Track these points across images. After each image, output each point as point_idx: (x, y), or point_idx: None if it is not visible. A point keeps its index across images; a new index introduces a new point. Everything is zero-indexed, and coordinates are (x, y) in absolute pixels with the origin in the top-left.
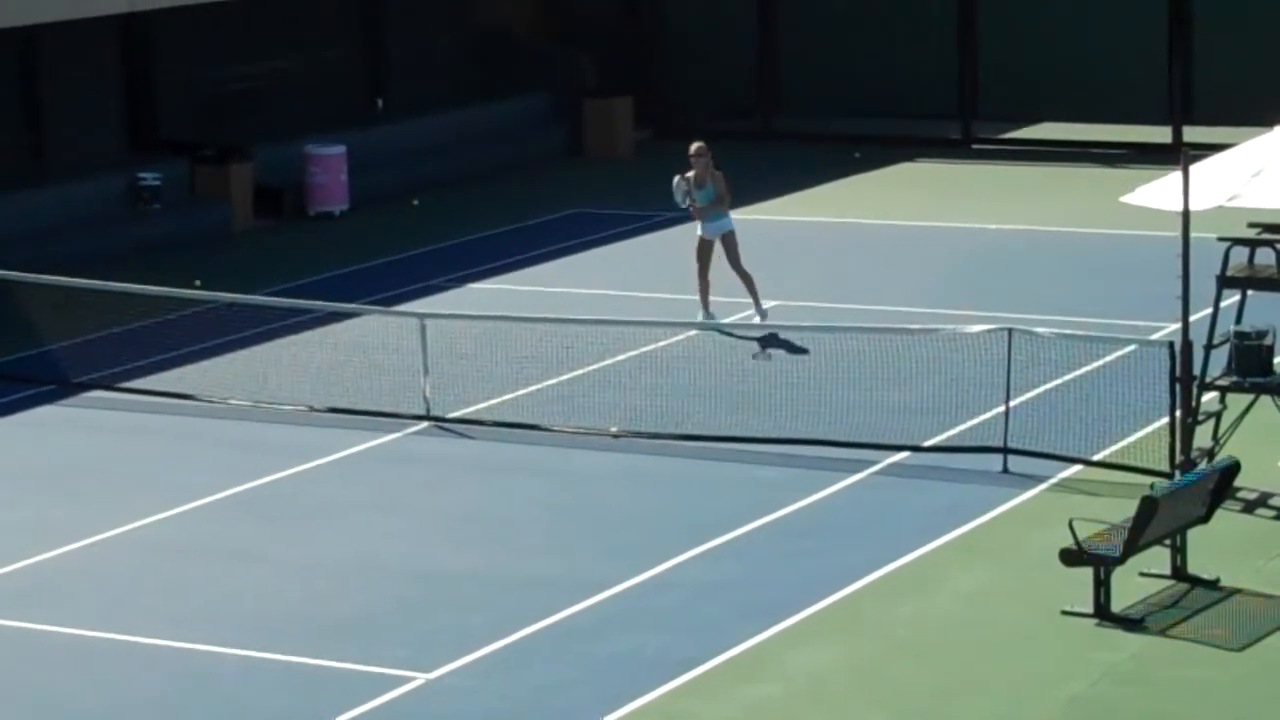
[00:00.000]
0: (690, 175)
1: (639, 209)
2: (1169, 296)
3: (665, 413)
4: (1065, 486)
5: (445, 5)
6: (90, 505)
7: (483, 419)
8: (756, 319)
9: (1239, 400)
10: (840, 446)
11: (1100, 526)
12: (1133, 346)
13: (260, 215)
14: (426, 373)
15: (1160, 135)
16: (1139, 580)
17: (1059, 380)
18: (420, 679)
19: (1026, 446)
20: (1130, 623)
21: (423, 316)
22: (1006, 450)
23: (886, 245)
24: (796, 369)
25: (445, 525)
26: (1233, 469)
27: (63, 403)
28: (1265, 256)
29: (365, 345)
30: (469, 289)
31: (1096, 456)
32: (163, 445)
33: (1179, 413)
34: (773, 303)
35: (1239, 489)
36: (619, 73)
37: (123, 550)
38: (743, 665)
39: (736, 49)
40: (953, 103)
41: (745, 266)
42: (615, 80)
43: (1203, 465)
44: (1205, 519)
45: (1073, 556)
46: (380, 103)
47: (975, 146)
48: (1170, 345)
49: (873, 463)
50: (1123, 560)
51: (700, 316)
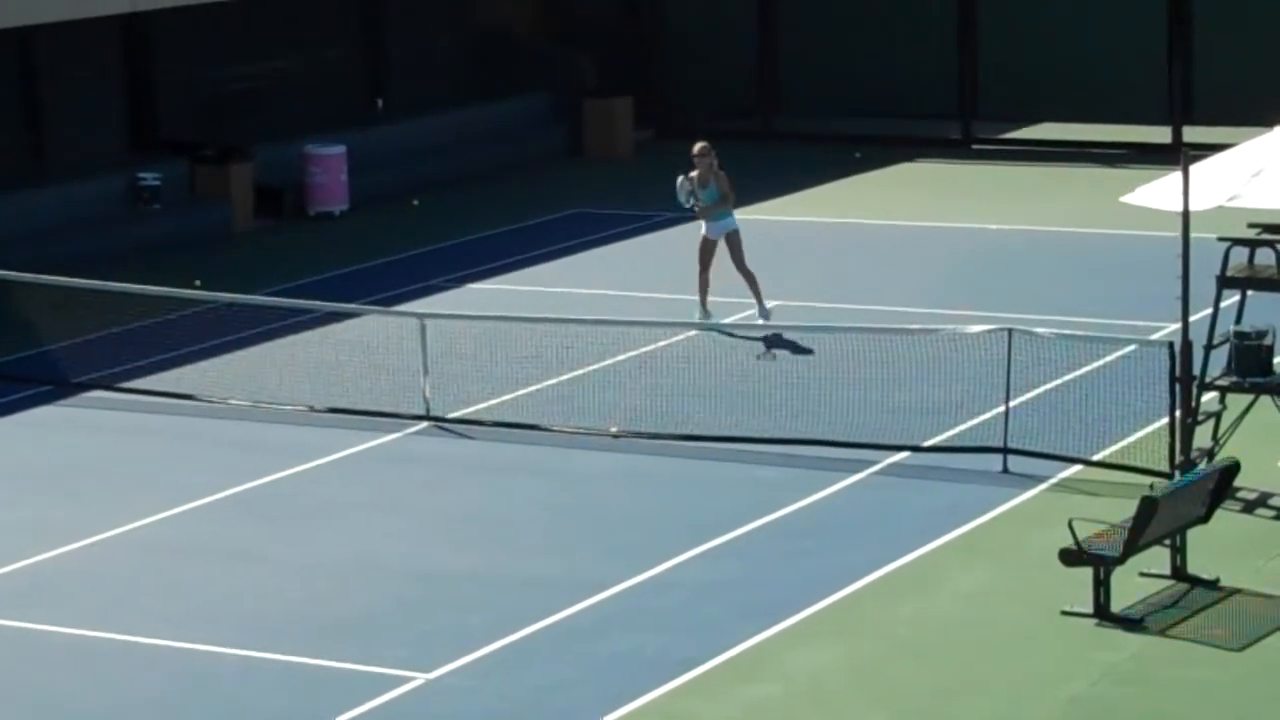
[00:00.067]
0: (693, 175)
1: (639, 209)
2: (1169, 297)
3: (665, 413)
4: (1065, 486)
5: (445, 5)
6: (90, 505)
7: (482, 419)
8: (759, 319)
9: (1239, 400)
10: (840, 446)
11: (1100, 526)
12: (1132, 347)
13: (260, 215)
14: (426, 373)
15: (1160, 135)
16: (1139, 580)
17: (1059, 380)
18: (420, 679)
19: (1026, 447)
20: (1130, 623)
21: (423, 316)
22: (1006, 450)
23: (886, 245)
24: (796, 369)
25: (445, 525)
26: (1232, 469)
27: (62, 403)
28: (1265, 256)
29: (365, 345)
30: (469, 289)
31: (1096, 456)
32: (162, 445)
33: (1179, 413)
34: (773, 303)
35: (1239, 489)
36: (619, 73)
37: (122, 550)
38: (742, 665)
39: (736, 49)
40: (953, 103)
41: (749, 266)
42: (615, 80)
43: (1202, 465)
44: (1205, 519)
45: (1072, 556)
46: (380, 103)
47: (975, 147)
48: (1170, 345)
49: (873, 463)
50: (1123, 560)
51: (698, 315)
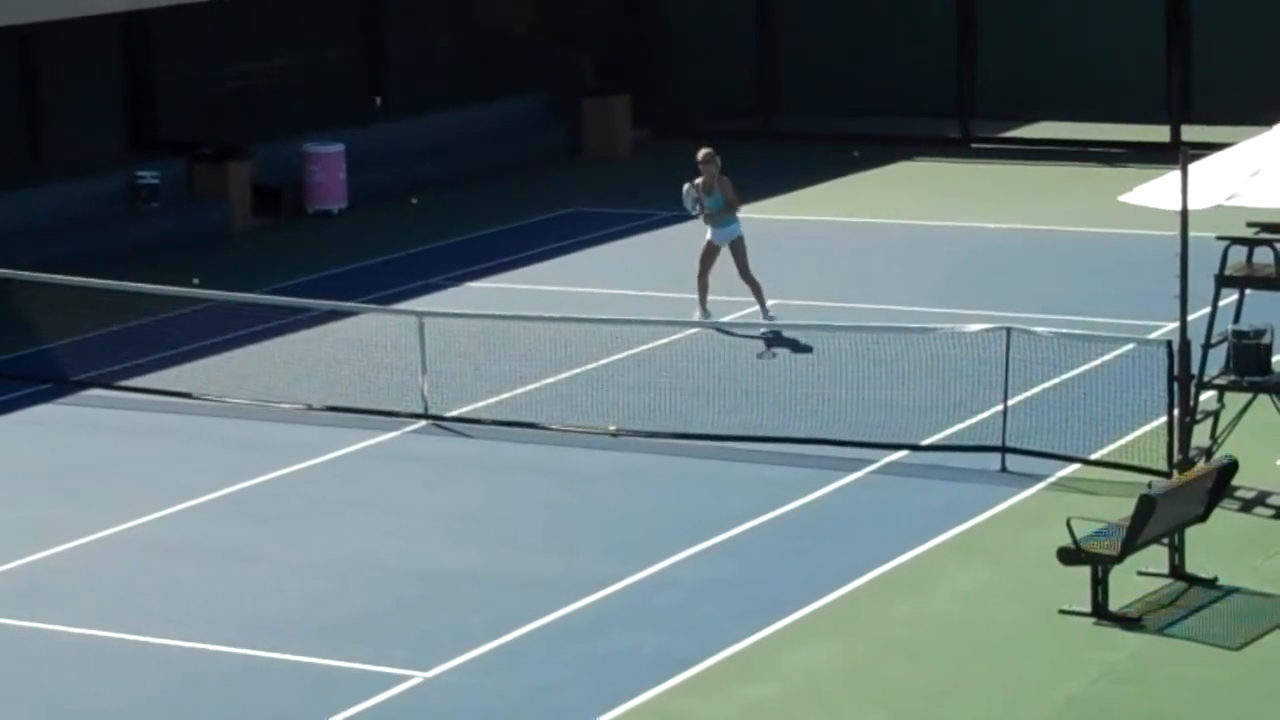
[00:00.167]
0: (699, 182)
1: (638, 208)
2: (1167, 295)
3: (663, 411)
4: (1063, 485)
5: (445, 5)
6: (89, 504)
7: (481, 418)
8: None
9: (1237, 399)
10: (838, 445)
11: (1098, 525)
12: (1131, 345)
13: (259, 214)
14: (425, 371)
15: (1159, 134)
16: (1137, 579)
17: (1057, 379)
18: (419, 678)
19: (1025, 445)
20: (1128, 622)
21: (421, 315)
22: (1005, 449)
23: (885, 244)
24: (795, 368)
25: (444, 524)
26: (1230, 468)
27: (61, 401)
28: (1263, 255)
29: (364, 344)
30: (467, 288)
31: (1094, 455)
32: (161, 444)
33: (1177, 412)
34: (773, 301)
35: (1237, 488)
36: (618, 72)
37: (122, 549)
38: (740, 664)
39: (736, 49)
40: (952, 102)
41: (755, 275)
42: (615, 80)
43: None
44: (1203, 518)
45: (1071, 555)
46: (379, 101)
47: (974, 146)
48: (1168, 344)
49: (871, 461)
50: (1121, 559)
51: (696, 316)
